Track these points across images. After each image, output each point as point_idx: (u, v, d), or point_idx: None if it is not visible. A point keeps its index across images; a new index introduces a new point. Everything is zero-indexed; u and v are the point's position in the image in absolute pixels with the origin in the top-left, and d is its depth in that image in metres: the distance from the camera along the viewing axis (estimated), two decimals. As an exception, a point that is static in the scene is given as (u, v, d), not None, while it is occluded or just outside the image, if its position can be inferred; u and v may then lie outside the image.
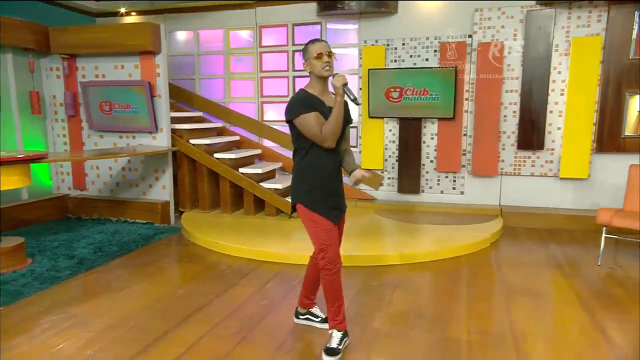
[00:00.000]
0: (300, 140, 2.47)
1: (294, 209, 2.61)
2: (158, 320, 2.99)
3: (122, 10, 6.36)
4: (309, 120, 2.36)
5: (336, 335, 2.51)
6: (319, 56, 2.39)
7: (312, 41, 2.46)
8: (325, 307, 2.60)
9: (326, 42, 2.47)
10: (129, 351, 2.59)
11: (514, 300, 3.29)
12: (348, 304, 3.10)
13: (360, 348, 2.61)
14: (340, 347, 2.48)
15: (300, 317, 2.90)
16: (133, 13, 6.45)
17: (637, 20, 4.72)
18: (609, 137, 4.94)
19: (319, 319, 2.83)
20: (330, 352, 2.44)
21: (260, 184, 5.40)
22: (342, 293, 2.55)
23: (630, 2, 4.68)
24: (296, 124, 2.40)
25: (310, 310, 2.87)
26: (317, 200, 2.48)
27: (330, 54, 2.42)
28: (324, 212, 2.48)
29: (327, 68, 2.40)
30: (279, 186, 5.38)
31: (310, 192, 2.49)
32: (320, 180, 2.48)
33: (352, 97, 2.36)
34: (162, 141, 5.40)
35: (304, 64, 2.48)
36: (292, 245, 4.38)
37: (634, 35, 4.74)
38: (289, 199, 5.39)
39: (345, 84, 2.36)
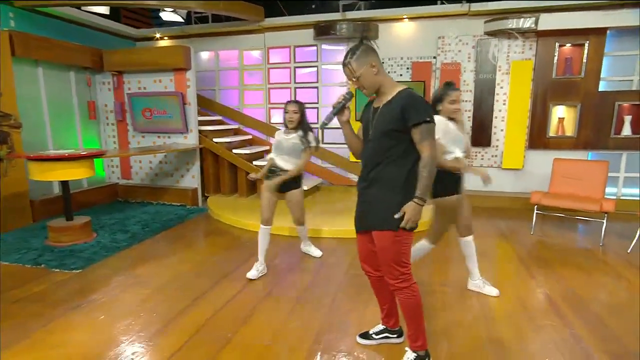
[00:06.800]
0: None
1: None
2: (201, 279, 3.39)
3: (157, 35, 6.91)
4: None
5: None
6: (350, 81, 2.03)
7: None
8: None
9: (350, 58, 1.96)
10: (180, 304, 2.99)
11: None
12: (347, 264, 3.65)
13: (362, 301, 3.04)
14: None
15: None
16: (166, 37, 7.01)
17: (556, 49, 5.44)
18: (537, 137, 5.66)
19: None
20: None
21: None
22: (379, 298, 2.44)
23: (552, 36, 5.40)
24: None
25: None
26: None
27: (356, 79, 1.97)
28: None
29: (361, 89, 2.01)
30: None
31: None
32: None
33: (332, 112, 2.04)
34: (191, 140, 6.01)
35: None
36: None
37: (555, 60, 5.48)
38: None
39: (343, 98, 2.03)
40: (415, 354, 2.20)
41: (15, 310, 2.92)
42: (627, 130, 5.41)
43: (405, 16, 5.99)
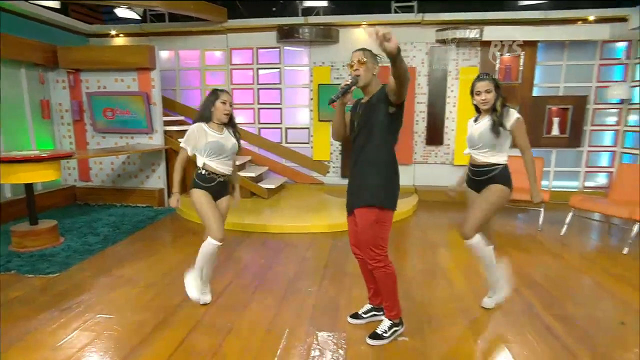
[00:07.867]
0: None
1: None
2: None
3: (113, 32, 6.69)
4: None
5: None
6: (350, 65, 2.33)
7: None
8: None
9: (361, 50, 2.31)
10: (174, 299, 3.05)
11: (435, 249, 4.18)
12: (325, 256, 3.88)
13: (346, 286, 3.32)
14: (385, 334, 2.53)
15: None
16: (122, 35, 6.80)
17: (498, 56, 6.11)
18: (484, 136, 6.30)
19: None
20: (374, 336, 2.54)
21: (238, 173, 6.12)
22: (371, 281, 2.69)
23: (486, 46, 6.05)
24: None
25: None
26: None
27: (359, 62, 2.28)
28: None
29: (355, 75, 2.30)
30: (253, 174, 6.18)
31: None
32: None
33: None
34: (157, 140, 5.94)
35: None
36: (266, 218, 5.23)
37: (497, 68, 6.16)
38: (261, 184, 6.24)
39: (350, 81, 2.29)
40: (391, 322, 2.56)
41: (2, 315, 2.85)
42: (555, 131, 6.23)
43: (363, 23, 6.38)
